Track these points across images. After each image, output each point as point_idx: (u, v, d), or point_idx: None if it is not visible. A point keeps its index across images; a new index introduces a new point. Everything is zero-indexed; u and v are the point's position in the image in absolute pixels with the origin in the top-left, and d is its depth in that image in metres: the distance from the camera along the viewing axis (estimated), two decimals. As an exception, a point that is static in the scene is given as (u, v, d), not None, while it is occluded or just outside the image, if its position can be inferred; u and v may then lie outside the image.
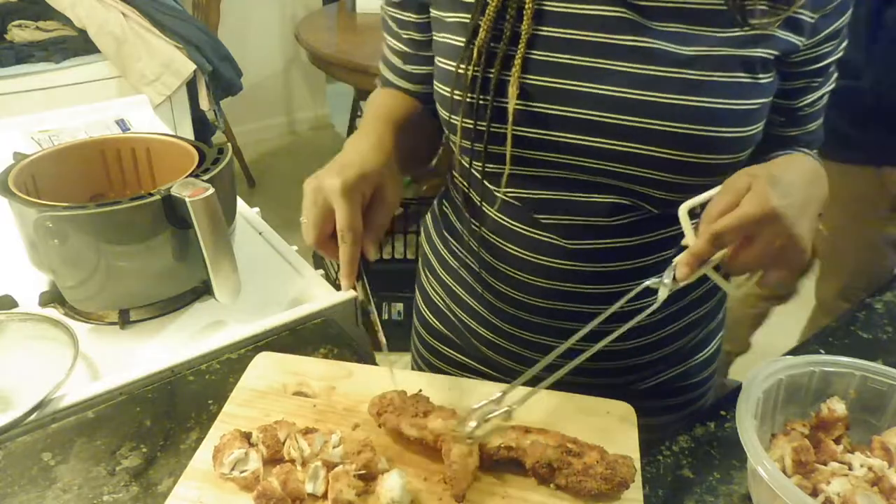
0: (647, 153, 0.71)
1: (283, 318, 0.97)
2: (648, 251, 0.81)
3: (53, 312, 0.98)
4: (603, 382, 0.88)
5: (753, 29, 0.68)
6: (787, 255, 0.63)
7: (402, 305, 2.44)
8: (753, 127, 0.72)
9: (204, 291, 1.02)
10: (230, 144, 1.19)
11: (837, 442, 0.73)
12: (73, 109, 1.58)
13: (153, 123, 1.58)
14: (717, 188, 0.66)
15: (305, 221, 0.70)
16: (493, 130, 0.75)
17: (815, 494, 0.67)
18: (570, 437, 0.68)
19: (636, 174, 0.73)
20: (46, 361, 0.88)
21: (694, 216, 0.68)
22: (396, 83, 0.90)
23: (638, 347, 0.88)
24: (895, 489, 0.67)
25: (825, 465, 0.71)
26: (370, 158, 0.72)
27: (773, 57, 0.71)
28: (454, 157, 0.87)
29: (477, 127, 0.75)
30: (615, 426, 0.74)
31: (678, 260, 0.65)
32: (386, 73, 0.92)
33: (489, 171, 0.79)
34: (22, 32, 2.20)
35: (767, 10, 0.68)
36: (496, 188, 0.81)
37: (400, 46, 0.87)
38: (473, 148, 0.77)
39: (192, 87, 2.25)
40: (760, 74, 0.71)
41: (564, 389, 0.79)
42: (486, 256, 0.87)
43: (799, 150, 0.81)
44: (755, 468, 0.63)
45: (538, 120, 0.74)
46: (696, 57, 0.69)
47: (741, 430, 0.66)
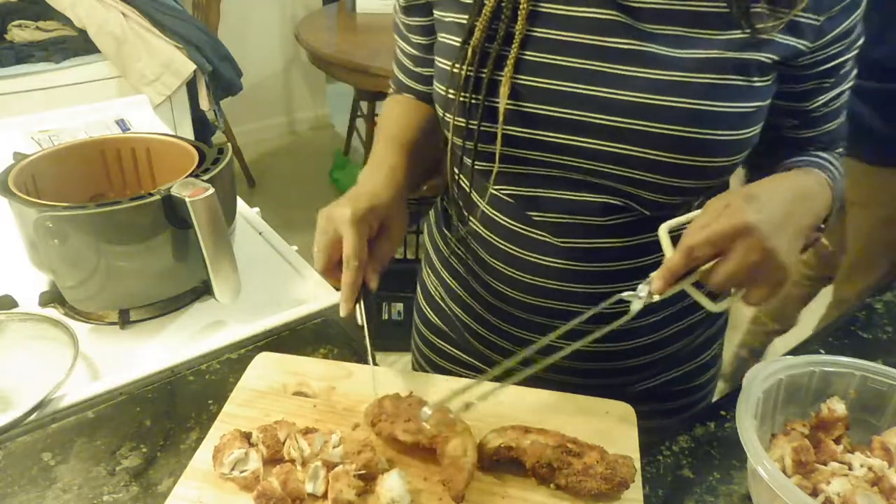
0: (638, 155, 0.71)
1: (283, 318, 0.97)
2: (641, 253, 0.80)
3: (53, 312, 0.98)
4: (601, 383, 0.88)
5: (754, 33, 0.68)
6: (764, 270, 0.63)
7: (401, 305, 2.44)
8: (748, 130, 0.72)
9: (204, 291, 1.02)
10: (230, 144, 1.19)
11: (837, 442, 0.73)
12: (73, 109, 1.58)
13: (153, 123, 1.58)
14: (698, 210, 0.67)
15: (316, 250, 0.75)
16: (483, 129, 0.76)
17: (815, 494, 0.67)
18: (570, 437, 0.68)
19: (628, 175, 0.73)
20: (46, 361, 0.88)
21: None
22: (408, 84, 0.93)
23: (636, 348, 0.88)
24: (895, 489, 0.67)
25: (825, 465, 0.71)
26: (381, 193, 0.77)
27: (771, 61, 0.70)
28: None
29: (468, 125, 0.76)
30: (615, 426, 0.74)
31: (654, 274, 0.65)
32: (399, 75, 0.95)
33: (481, 168, 0.80)
34: (22, 32, 2.20)
35: (768, 14, 0.68)
36: (488, 185, 0.82)
37: (410, 50, 0.90)
38: (465, 146, 0.78)
39: (192, 87, 2.25)
40: (755, 78, 0.70)
41: (563, 390, 0.79)
42: (480, 253, 0.88)
43: (815, 153, 0.80)
44: (755, 468, 0.63)
45: (529, 120, 0.74)
46: (688, 60, 0.69)
47: (741, 430, 0.66)
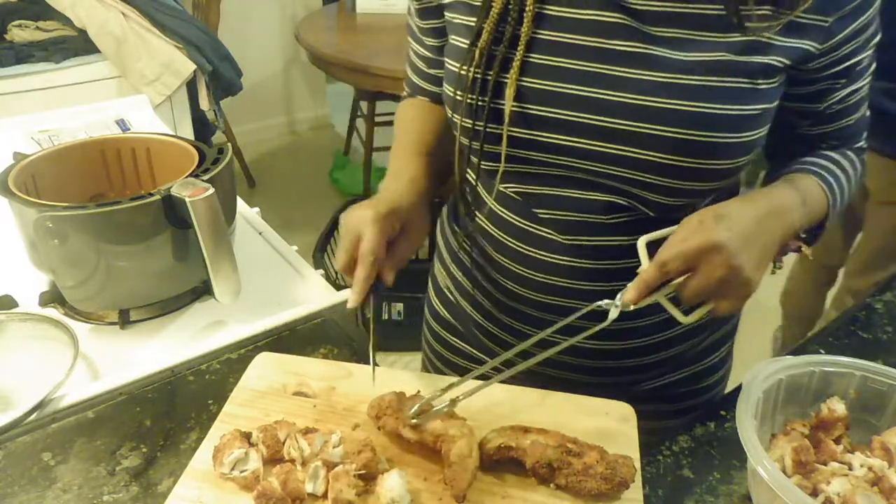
0: (642, 157, 0.71)
1: (283, 318, 0.97)
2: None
3: (53, 312, 0.98)
4: (608, 381, 0.88)
5: (753, 34, 0.68)
6: (730, 284, 0.66)
7: (402, 305, 2.43)
8: (752, 133, 0.72)
9: (204, 291, 1.02)
10: (230, 144, 1.19)
11: (837, 442, 0.73)
12: (73, 109, 1.58)
13: (153, 123, 1.58)
14: (675, 226, 0.69)
15: (339, 249, 0.76)
16: (489, 130, 0.77)
17: (815, 494, 0.67)
18: (570, 437, 0.68)
19: (632, 177, 0.73)
20: (46, 361, 0.88)
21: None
22: (422, 86, 0.94)
23: (642, 347, 0.88)
24: (895, 489, 0.67)
25: (825, 465, 0.71)
26: (404, 198, 0.80)
27: (782, 65, 0.70)
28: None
29: (475, 126, 0.77)
30: (615, 426, 0.74)
31: (630, 285, 0.69)
32: (412, 76, 0.96)
33: (487, 168, 0.81)
34: (22, 32, 2.20)
35: (769, 14, 0.67)
36: (495, 182, 0.82)
37: (424, 52, 0.91)
38: (472, 145, 0.79)
39: (192, 87, 2.25)
40: (760, 80, 0.70)
41: (569, 388, 0.80)
42: (487, 249, 0.89)
43: (824, 153, 0.81)
44: (755, 468, 0.63)
45: (534, 122, 0.75)
46: (693, 62, 0.69)
47: (741, 430, 0.66)
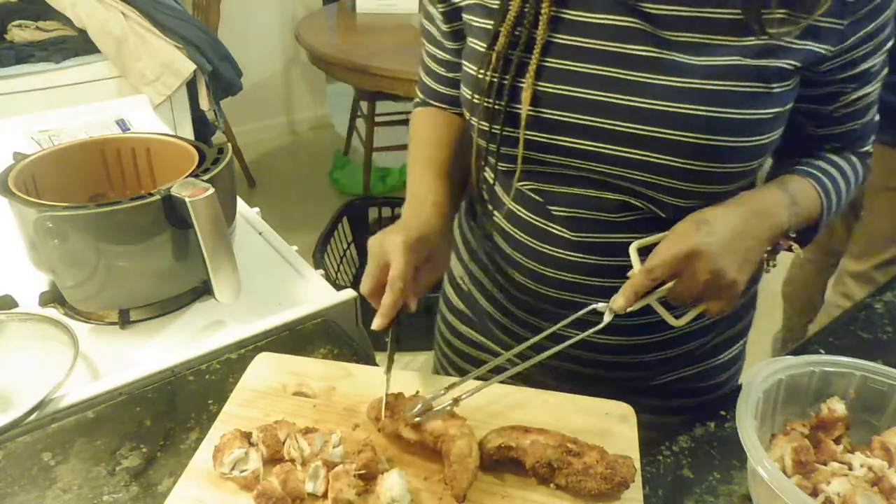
0: (657, 161, 0.72)
1: (283, 318, 0.97)
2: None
3: (53, 312, 0.98)
4: (618, 376, 0.89)
5: (771, 39, 0.68)
6: (716, 287, 0.69)
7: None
8: (766, 136, 0.72)
9: (204, 291, 1.02)
10: (230, 144, 1.19)
11: (837, 442, 0.73)
12: (73, 109, 1.58)
13: (153, 123, 1.58)
14: (665, 232, 0.72)
15: (366, 274, 0.77)
16: (506, 133, 0.78)
17: (815, 494, 0.67)
18: (570, 437, 0.68)
19: (646, 179, 0.74)
20: (46, 361, 0.88)
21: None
22: (439, 91, 0.94)
23: (654, 343, 0.88)
24: (895, 489, 0.67)
25: (825, 465, 0.71)
26: (431, 224, 0.80)
27: (794, 68, 0.70)
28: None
29: (492, 129, 0.78)
30: (615, 426, 0.74)
31: (620, 290, 0.70)
32: (427, 81, 0.95)
33: (503, 169, 0.82)
34: (22, 32, 2.20)
35: (787, 18, 0.67)
36: (512, 183, 0.84)
37: (445, 56, 0.91)
38: (489, 148, 0.80)
39: (192, 87, 2.25)
40: (774, 84, 0.70)
41: (578, 382, 0.80)
42: (502, 245, 0.89)
43: (825, 155, 0.81)
44: (755, 468, 0.63)
45: (550, 126, 0.75)
46: (708, 67, 0.69)
47: (741, 430, 0.66)
